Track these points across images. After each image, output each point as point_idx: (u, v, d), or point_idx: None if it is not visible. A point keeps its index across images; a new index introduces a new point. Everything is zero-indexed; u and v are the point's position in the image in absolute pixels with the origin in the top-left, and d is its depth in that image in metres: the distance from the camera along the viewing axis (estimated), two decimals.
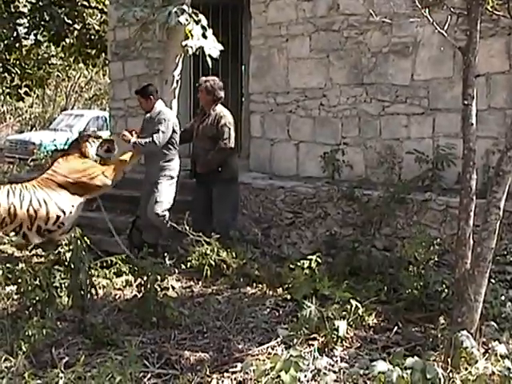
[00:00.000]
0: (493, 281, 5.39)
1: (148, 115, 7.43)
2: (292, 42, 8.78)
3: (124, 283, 6.45)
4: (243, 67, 9.97)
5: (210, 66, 7.37)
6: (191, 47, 7.18)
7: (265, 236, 7.82)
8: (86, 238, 5.40)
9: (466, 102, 4.52)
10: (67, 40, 15.66)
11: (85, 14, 15.79)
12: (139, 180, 7.96)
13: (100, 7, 15.97)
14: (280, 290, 6.26)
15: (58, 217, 6.90)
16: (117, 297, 6.20)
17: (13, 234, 6.92)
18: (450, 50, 7.28)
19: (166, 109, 7.39)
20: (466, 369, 4.12)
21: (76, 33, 15.54)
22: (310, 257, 5.99)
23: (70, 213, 7.00)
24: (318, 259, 5.97)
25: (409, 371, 3.87)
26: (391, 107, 7.98)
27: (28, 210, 6.73)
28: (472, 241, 4.53)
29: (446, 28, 4.94)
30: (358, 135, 8.10)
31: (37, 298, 5.21)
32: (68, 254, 5.37)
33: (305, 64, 8.65)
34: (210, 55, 7.26)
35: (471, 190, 4.50)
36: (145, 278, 5.57)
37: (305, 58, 8.66)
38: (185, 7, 7.04)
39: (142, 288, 5.58)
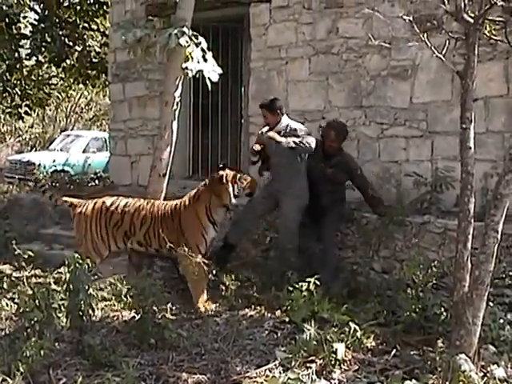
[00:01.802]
0: (491, 304, 5.37)
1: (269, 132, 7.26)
2: (291, 65, 8.86)
3: (122, 304, 6.43)
4: (243, 89, 10.02)
5: (210, 89, 7.40)
6: (191, 70, 7.20)
7: (264, 258, 7.81)
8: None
9: (464, 126, 4.55)
10: (68, 61, 15.75)
11: (86, 36, 15.89)
12: None
13: (101, 30, 16.08)
14: (278, 313, 6.24)
15: None
16: (115, 318, 6.17)
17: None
18: (448, 73, 7.35)
19: (293, 121, 7.39)
20: None
21: (77, 54, 15.63)
22: (308, 279, 5.97)
23: None
24: (317, 281, 5.96)
25: None
26: (390, 130, 8.04)
27: None
28: (470, 264, 4.54)
29: (444, 52, 4.99)
30: (357, 157, 8.11)
31: (35, 319, 5.20)
32: (67, 275, 5.37)
33: (304, 86, 8.71)
34: (209, 78, 7.29)
35: (469, 213, 4.52)
36: (143, 299, 5.56)
37: (304, 80, 8.73)
38: (185, 29, 7.07)
39: (140, 309, 5.56)
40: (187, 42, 7.07)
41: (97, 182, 12.28)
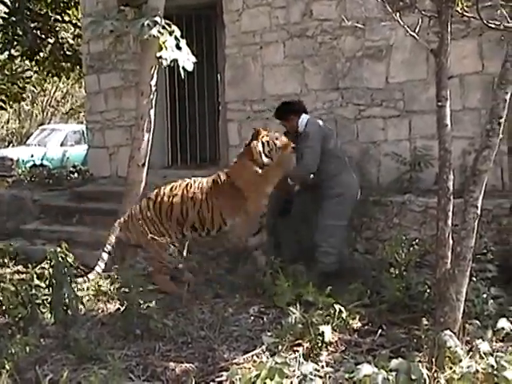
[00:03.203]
0: (474, 279, 5.41)
1: None
2: (266, 50, 8.82)
3: (107, 297, 6.42)
4: (218, 76, 9.98)
5: (185, 77, 7.36)
6: (165, 59, 7.17)
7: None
8: (68, 252, 5.38)
9: (440, 104, 4.55)
10: (41, 54, 15.58)
11: (58, 28, 15.73)
12: (117, 192, 7.93)
13: (74, 21, 15.92)
14: (264, 298, 6.26)
15: None
16: (100, 311, 6.16)
17: None
18: (423, 52, 7.36)
19: (310, 121, 7.01)
20: (451, 368, 4.13)
21: (50, 47, 15.46)
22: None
23: None
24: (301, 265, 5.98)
25: (394, 373, 3.89)
26: (367, 111, 8.04)
27: None
28: (451, 240, 4.56)
29: (417, 31, 4.98)
30: None
31: (19, 316, 5.18)
32: (50, 270, 5.35)
33: (280, 71, 8.69)
34: (183, 68, 7.26)
35: (448, 190, 4.54)
36: (127, 291, 5.55)
37: (280, 64, 8.70)
38: (157, 19, 7.04)
39: (125, 301, 5.55)
40: (160, 31, 7.04)
41: (76, 175, 12.20)
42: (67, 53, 15.52)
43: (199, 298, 6.39)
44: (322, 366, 4.68)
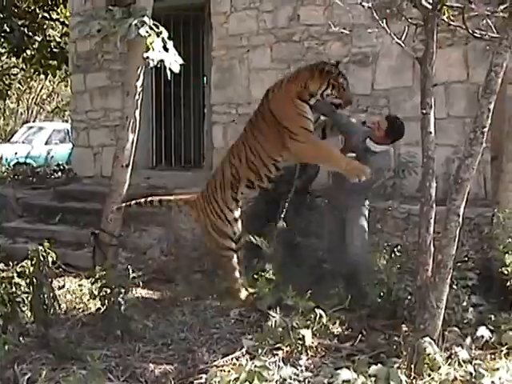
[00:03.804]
0: (455, 287, 5.45)
1: None
2: (253, 53, 8.85)
3: (88, 296, 6.39)
4: (205, 78, 9.98)
5: (171, 78, 7.36)
6: (152, 60, 7.16)
7: None
8: (49, 251, 5.36)
9: (424, 111, 4.59)
10: (28, 52, 15.54)
11: (45, 26, 15.69)
12: (101, 192, 7.91)
13: (61, 19, 15.89)
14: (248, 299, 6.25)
15: None
16: (80, 310, 6.14)
17: None
18: (409, 59, 7.39)
19: None
20: (429, 375, 4.17)
21: (37, 44, 15.42)
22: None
23: None
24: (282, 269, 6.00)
25: (373, 379, 3.91)
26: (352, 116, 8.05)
27: None
28: (433, 248, 4.59)
29: (404, 38, 5.02)
30: None
31: None
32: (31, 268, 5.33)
33: (266, 74, 8.69)
34: (170, 69, 7.25)
35: (431, 198, 4.57)
36: (108, 291, 5.54)
37: (266, 68, 8.73)
38: (145, 19, 7.02)
39: (106, 301, 5.54)
40: (147, 32, 7.03)
41: (60, 173, 12.15)
42: (54, 51, 15.48)
43: (180, 299, 6.40)
44: (302, 371, 4.68)
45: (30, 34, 15.13)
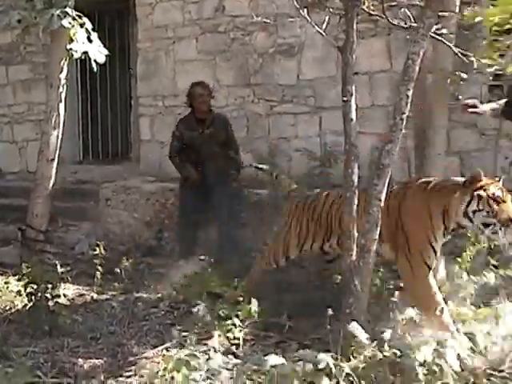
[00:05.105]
0: (381, 270, 5.56)
1: None
2: (179, 45, 8.84)
3: (14, 293, 6.28)
4: (131, 71, 9.89)
5: (97, 70, 7.28)
6: (76, 51, 7.07)
7: (157, 240, 7.77)
8: None
9: (345, 99, 4.64)
10: None
11: None
12: (27, 188, 7.77)
13: None
14: (174, 293, 6.24)
15: None
16: (7, 307, 6.02)
17: None
18: (333, 50, 7.41)
19: None
20: (356, 357, 4.24)
21: None
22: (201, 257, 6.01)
23: None
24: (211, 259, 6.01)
25: (301, 363, 3.96)
26: (278, 107, 8.15)
27: None
28: (356, 233, 4.66)
29: (326, 28, 5.08)
30: (247, 135, 8.19)
31: None
32: None
33: (192, 66, 8.70)
34: (95, 60, 7.17)
35: (353, 183, 4.63)
36: (35, 287, 5.45)
37: (192, 60, 8.72)
38: (68, 10, 6.92)
39: (33, 297, 5.45)
40: (70, 23, 6.93)
41: None
42: None
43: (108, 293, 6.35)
44: (231, 359, 4.70)
45: None
